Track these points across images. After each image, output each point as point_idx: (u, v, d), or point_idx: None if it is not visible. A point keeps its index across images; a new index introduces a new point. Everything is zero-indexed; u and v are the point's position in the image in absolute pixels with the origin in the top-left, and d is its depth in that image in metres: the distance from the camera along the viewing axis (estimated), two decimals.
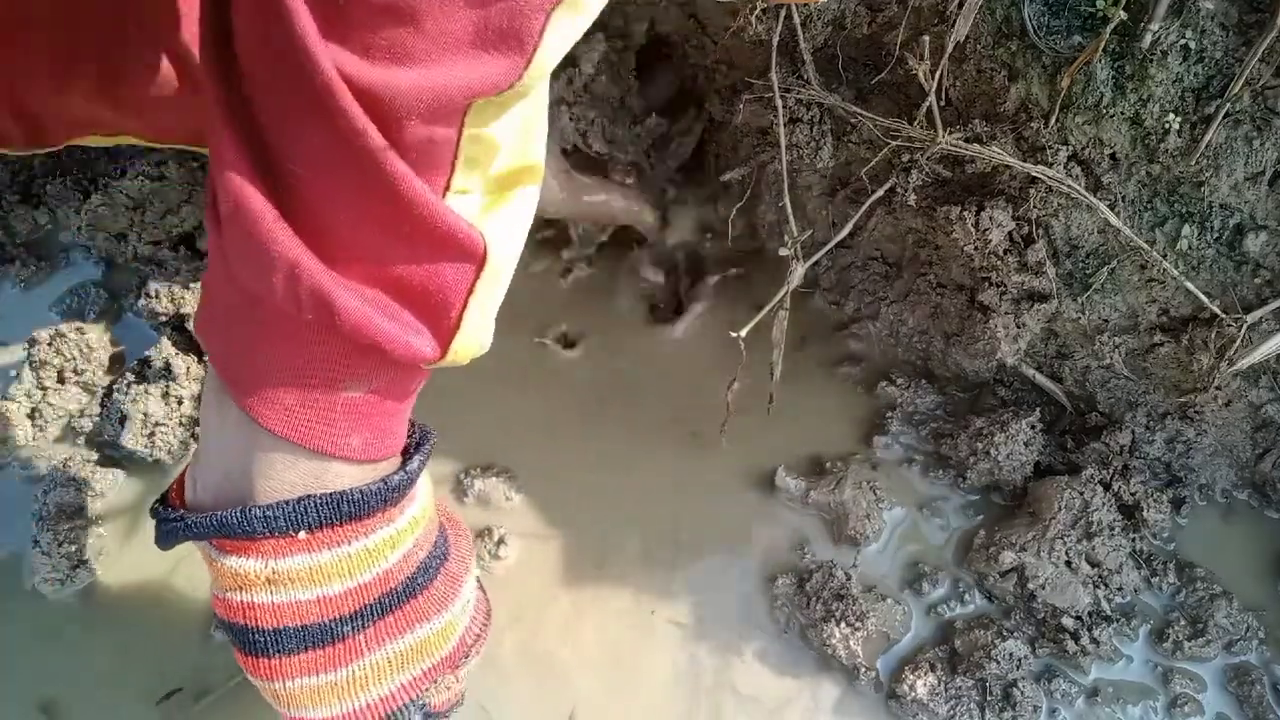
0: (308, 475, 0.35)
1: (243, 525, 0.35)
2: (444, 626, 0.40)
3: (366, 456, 0.36)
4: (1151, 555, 0.66)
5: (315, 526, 0.35)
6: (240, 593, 0.36)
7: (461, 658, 0.42)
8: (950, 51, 0.59)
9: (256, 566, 0.35)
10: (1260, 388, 0.64)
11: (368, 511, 0.36)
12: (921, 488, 0.70)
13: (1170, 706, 0.61)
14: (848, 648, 0.59)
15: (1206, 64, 0.55)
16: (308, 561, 0.35)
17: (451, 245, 0.33)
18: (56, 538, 0.64)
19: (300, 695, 0.37)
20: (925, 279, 0.73)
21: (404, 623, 0.38)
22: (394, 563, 0.38)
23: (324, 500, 0.35)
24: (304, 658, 0.36)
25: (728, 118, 0.78)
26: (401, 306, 0.33)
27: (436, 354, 0.35)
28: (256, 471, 0.35)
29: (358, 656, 0.37)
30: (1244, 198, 0.58)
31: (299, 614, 0.36)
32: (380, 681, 0.38)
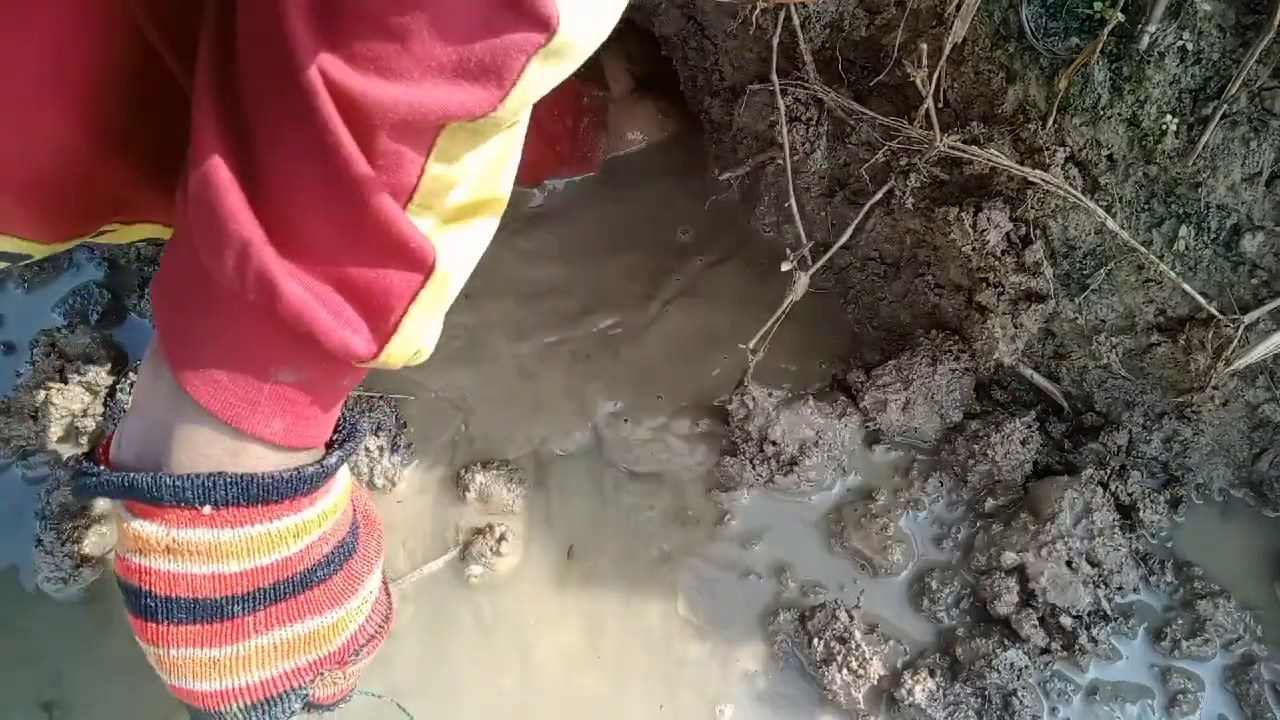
0: (225, 452, 0.36)
1: (151, 491, 0.35)
2: (336, 622, 0.41)
3: (287, 442, 0.37)
4: (1149, 555, 0.67)
5: (221, 504, 0.36)
6: (140, 556, 0.37)
7: (350, 654, 0.42)
8: (948, 53, 0.59)
9: (158, 533, 0.36)
10: (1257, 387, 0.64)
11: (276, 497, 0.37)
12: (921, 489, 0.70)
13: (1168, 705, 0.61)
14: (848, 695, 0.60)
15: (1204, 65, 0.55)
16: (208, 537, 0.36)
17: (403, 252, 0.34)
18: (60, 537, 0.65)
19: (182, 665, 0.38)
20: (923, 279, 0.73)
21: (296, 612, 0.39)
22: (295, 551, 0.38)
23: (234, 480, 0.36)
24: (191, 629, 0.37)
25: (727, 120, 0.78)
26: (345, 302, 0.35)
27: (370, 353, 0.36)
28: (177, 440, 0.36)
29: (244, 637, 0.38)
30: (1241, 198, 0.58)
31: (192, 586, 0.37)
32: (263, 665, 0.39)
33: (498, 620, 0.64)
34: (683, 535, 0.68)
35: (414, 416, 0.73)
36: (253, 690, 0.39)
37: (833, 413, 0.70)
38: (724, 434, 0.72)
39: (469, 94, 0.31)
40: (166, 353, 0.36)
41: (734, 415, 0.70)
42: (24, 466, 0.70)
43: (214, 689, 0.39)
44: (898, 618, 0.65)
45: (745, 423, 0.69)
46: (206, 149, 0.32)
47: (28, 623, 0.64)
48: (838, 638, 0.61)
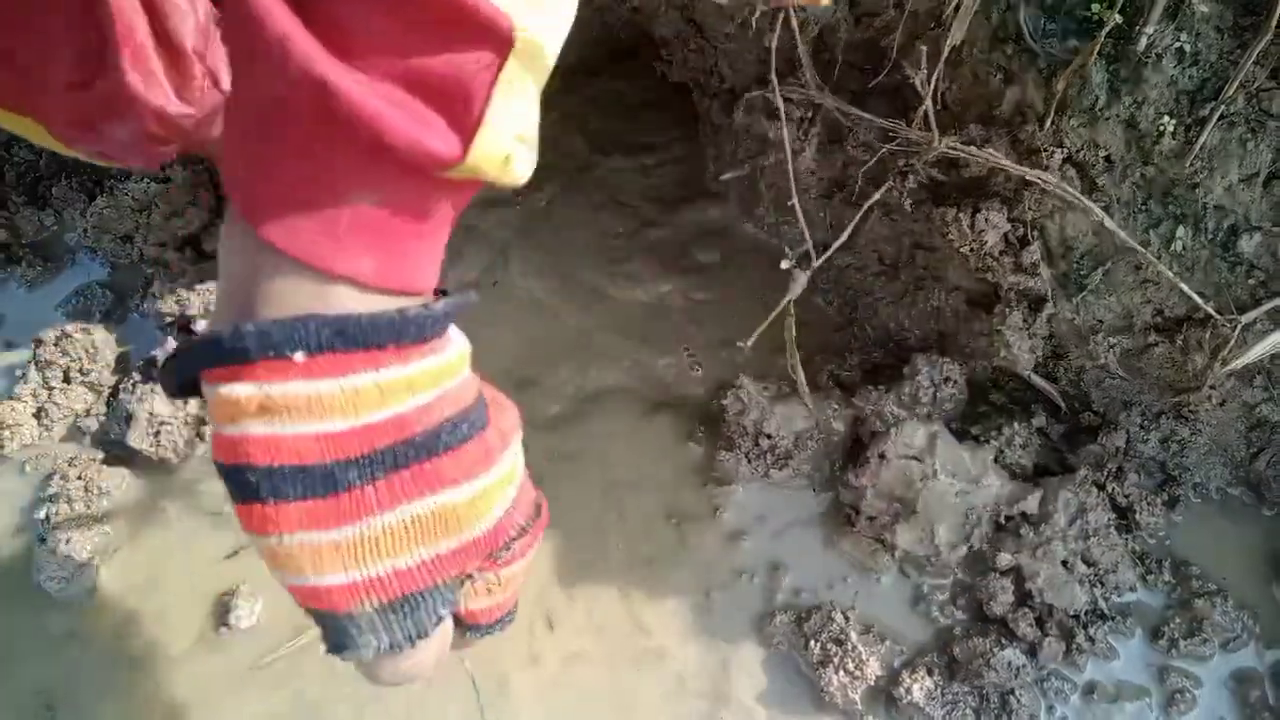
0: (314, 298, 0.31)
1: (234, 342, 0.31)
2: (473, 497, 0.34)
3: (381, 283, 0.32)
4: (1147, 554, 0.67)
5: (315, 349, 0.31)
6: (233, 425, 0.31)
7: (499, 548, 0.36)
8: (946, 55, 0.60)
9: (249, 391, 0.31)
10: (1255, 387, 0.65)
11: (379, 341, 0.31)
12: None
13: (1166, 704, 0.61)
14: (845, 695, 0.60)
15: (1201, 67, 0.55)
16: (306, 389, 0.31)
17: (472, 24, 0.29)
18: (62, 536, 0.65)
19: (299, 554, 0.32)
20: (922, 280, 0.74)
21: (423, 482, 0.33)
22: (411, 409, 0.32)
23: (326, 321, 0.31)
24: (302, 506, 0.32)
25: (726, 121, 0.78)
26: (414, 98, 0.30)
27: (454, 153, 0.31)
28: (260, 296, 0.31)
29: (366, 513, 0.32)
30: (1238, 199, 0.58)
31: (297, 450, 0.31)
32: (395, 551, 0.33)
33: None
34: (679, 533, 0.69)
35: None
36: (387, 584, 0.33)
37: (827, 408, 0.70)
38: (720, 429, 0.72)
39: None
40: (236, 201, 0.32)
41: (729, 410, 0.70)
42: (28, 466, 0.70)
43: (341, 582, 0.32)
44: (894, 618, 0.65)
45: (740, 417, 0.70)
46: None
47: (30, 622, 0.64)
48: (834, 639, 0.61)
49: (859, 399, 0.70)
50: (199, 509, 0.69)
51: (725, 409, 0.71)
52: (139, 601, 0.65)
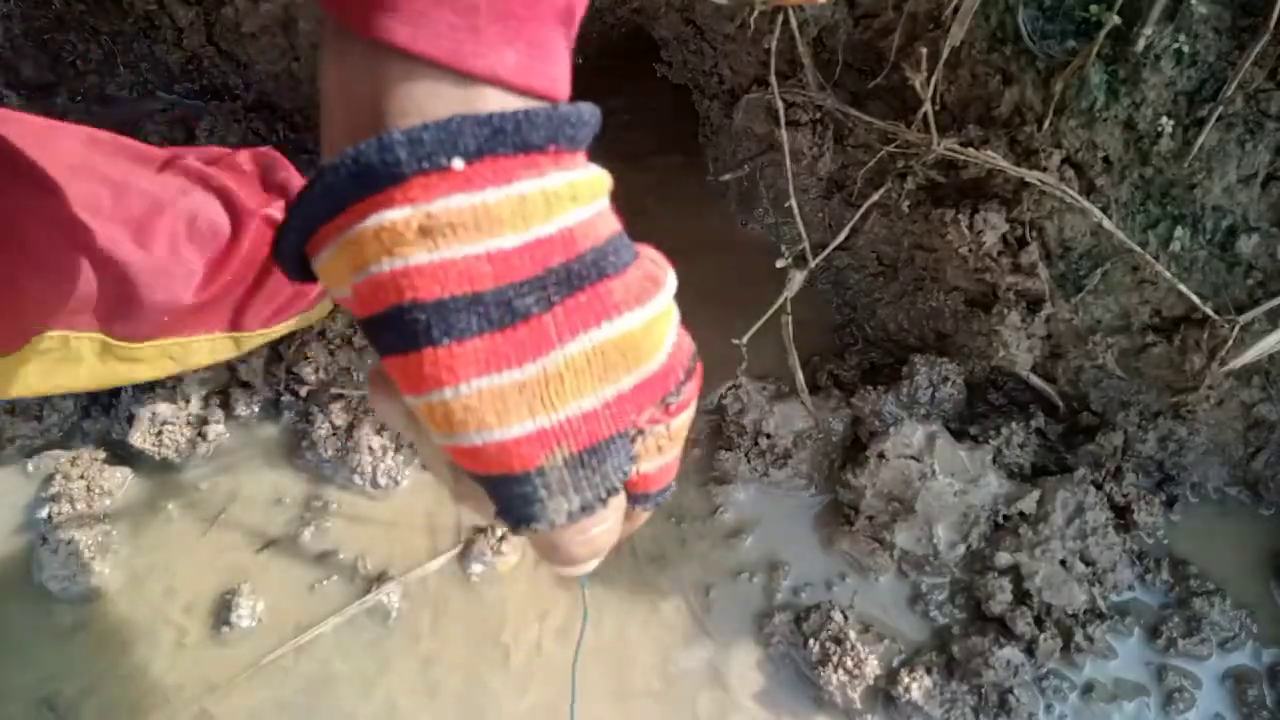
0: (455, 103, 0.27)
1: (381, 156, 0.26)
2: (648, 323, 0.30)
3: (525, 80, 0.28)
4: (1145, 553, 0.67)
5: (473, 154, 0.26)
6: (390, 259, 0.26)
7: (670, 391, 0.32)
8: (945, 57, 0.60)
9: (405, 214, 0.26)
10: (1252, 387, 0.65)
11: (538, 143, 0.27)
12: None
13: (1164, 703, 0.61)
14: (844, 694, 0.60)
15: (1199, 68, 0.55)
16: (469, 201, 0.26)
17: None
18: (64, 535, 0.65)
19: (481, 403, 0.27)
20: (921, 281, 0.74)
21: (598, 306, 0.28)
22: (576, 221, 0.28)
23: (480, 119, 0.26)
24: (481, 343, 0.27)
25: (726, 122, 0.79)
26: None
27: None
28: (391, 111, 0.27)
29: (548, 345, 0.28)
30: (1236, 200, 0.58)
31: (469, 276, 0.26)
32: (580, 389, 0.28)
33: (498, 618, 0.65)
34: (678, 532, 0.69)
35: None
36: (576, 429, 0.28)
37: (826, 407, 0.70)
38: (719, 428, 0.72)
39: None
40: (346, 17, 0.27)
41: (728, 409, 0.70)
42: (29, 465, 0.71)
43: (528, 431, 0.28)
44: (892, 617, 0.65)
45: (739, 416, 0.70)
46: None
47: (32, 621, 0.64)
48: (833, 638, 0.62)
49: (858, 399, 0.70)
50: (201, 508, 0.69)
51: (724, 408, 0.71)
52: (140, 601, 0.65)
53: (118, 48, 0.88)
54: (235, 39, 0.84)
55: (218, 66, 0.87)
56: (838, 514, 0.69)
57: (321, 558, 0.67)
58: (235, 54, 0.86)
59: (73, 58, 0.88)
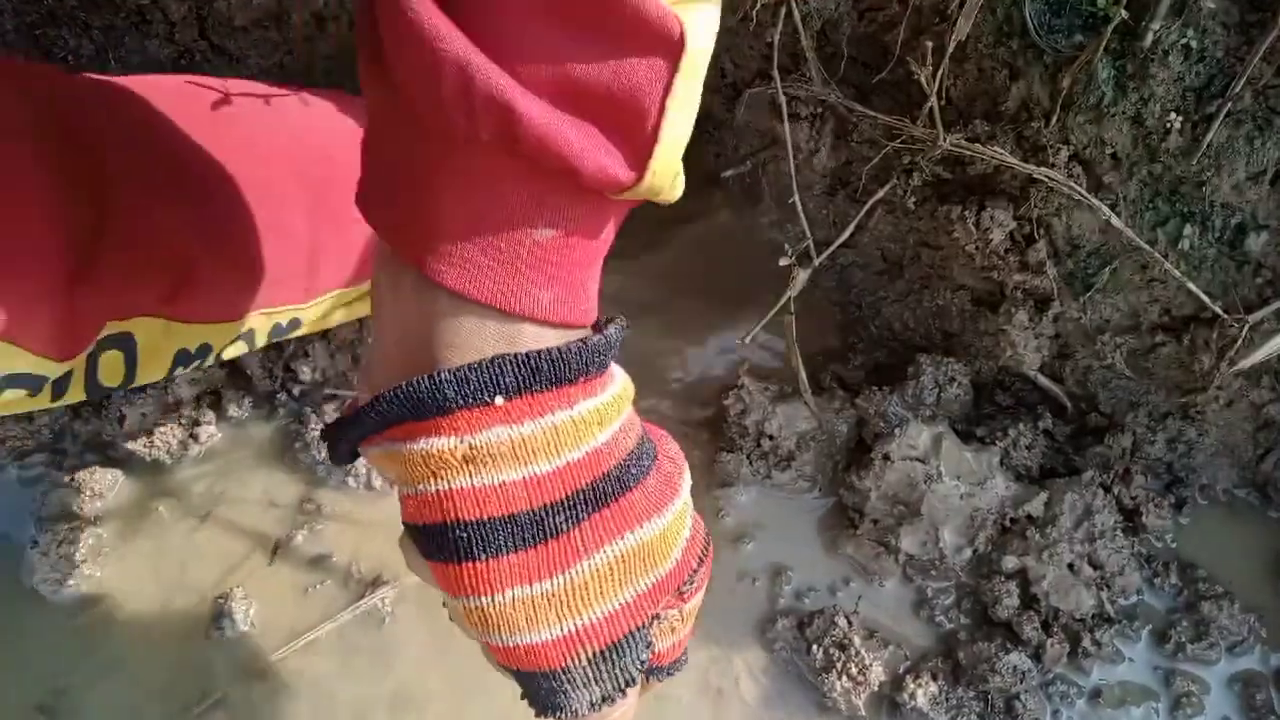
0: (497, 339, 0.30)
1: (432, 393, 0.29)
2: (665, 530, 0.34)
3: (560, 318, 0.31)
4: (1153, 556, 0.66)
5: (513, 392, 0.30)
6: (436, 480, 0.30)
7: (684, 581, 0.35)
8: (951, 51, 0.59)
9: (451, 444, 0.29)
10: (1262, 388, 0.64)
11: (570, 376, 0.31)
12: None
13: (1173, 708, 0.61)
14: (849, 701, 0.59)
15: (1208, 63, 0.55)
16: (509, 434, 0.30)
17: (642, 32, 0.27)
18: (55, 538, 0.64)
19: (514, 612, 0.31)
20: (927, 279, 0.73)
21: (622, 519, 0.32)
22: (603, 442, 0.32)
23: (521, 360, 0.30)
24: (516, 559, 0.30)
25: (728, 117, 0.78)
26: (586, 120, 0.28)
27: (631, 177, 0.29)
28: (439, 343, 0.30)
29: (575, 558, 0.31)
30: (1245, 197, 0.57)
31: (506, 500, 0.30)
32: (603, 596, 0.32)
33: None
34: None
35: None
36: (599, 631, 0.32)
37: (830, 408, 0.69)
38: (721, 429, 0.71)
39: None
40: (399, 248, 0.30)
41: (730, 410, 0.69)
42: (20, 468, 0.70)
43: (556, 636, 0.31)
44: (897, 622, 0.64)
45: (742, 417, 0.69)
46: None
47: (23, 625, 0.63)
48: (837, 644, 0.61)
49: (862, 400, 0.69)
50: (192, 510, 0.68)
51: (726, 409, 0.70)
52: (133, 604, 0.64)
53: (109, 42, 0.87)
54: (228, 33, 0.83)
55: (210, 61, 0.86)
56: (842, 517, 0.68)
57: (315, 561, 0.66)
58: (227, 48, 0.85)
59: (64, 53, 0.87)
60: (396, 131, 0.30)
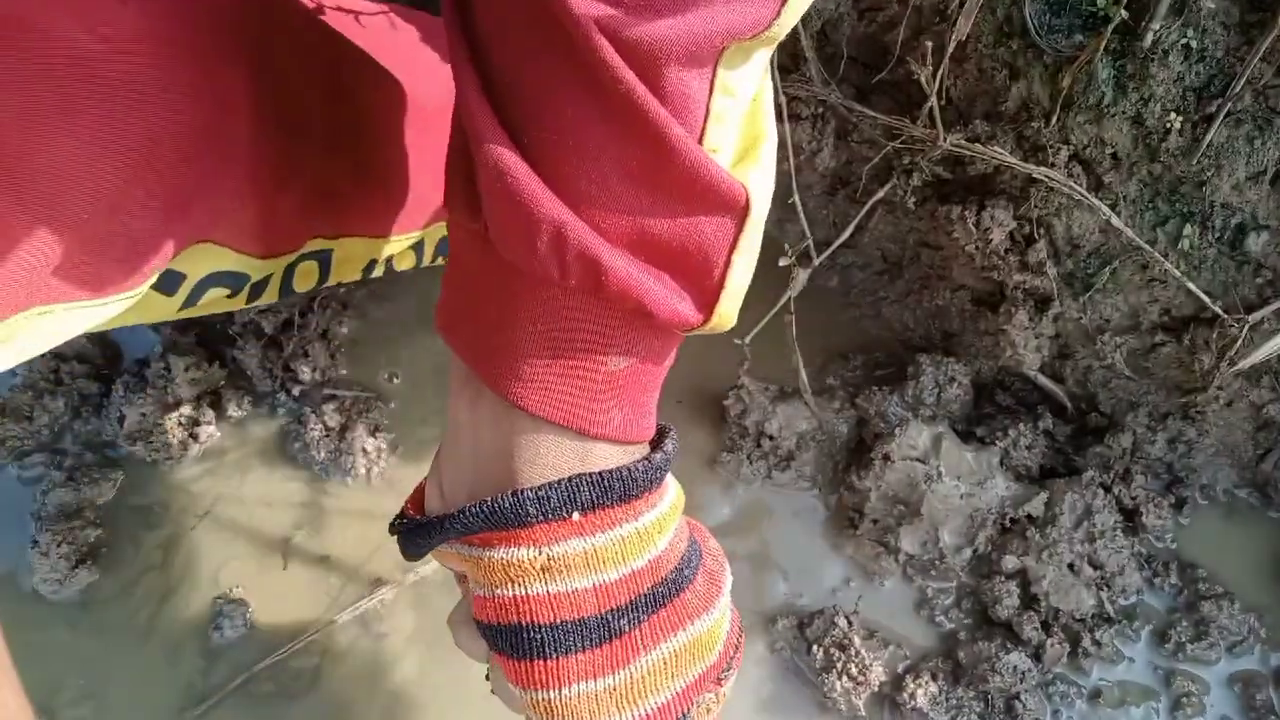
0: (573, 457, 0.33)
1: (514, 509, 0.32)
2: (712, 626, 0.37)
3: (626, 437, 0.34)
4: (1153, 556, 0.66)
5: (588, 508, 0.33)
6: (513, 586, 0.33)
7: (724, 670, 0.38)
8: (951, 51, 0.59)
9: (530, 554, 0.32)
10: (1262, 388, 0.64)
11: (636, 492, 0.34)
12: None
13: (1173, 708, 0.61)
14: (849, 701, 0.59)
15: (1208, 63, 0.55)
16: (583, 546, 0.33)
17: (713, 197, 0.31)
18: (55, 538, 0.64)
19: (579, 705, 0.34)
20: (927, 279, 0.73)
21: (677, 618, 0.35)
22: (661, 550, 0.35)
23: (595, 480, 0.33)
24: (583, 658, 0.33)
25: None
26: (660, 269, 0.31)
27: (699, 318, 0.33)
28: (518, 459, 0.33)
29: (635, 656, 0.34)
30: (1245, 197, 0.57)
31: (576, 606, 0.33)
32: (657, 689, 0.35)
33: None
34: None
35: (413, 418, 0.72)
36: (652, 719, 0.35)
37: (830, 408, 0.69)
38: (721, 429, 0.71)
39: (748, 6, 0.28)
40: (481, 373, 0.33)
41: (730, 410, 0.69)
42: (19, 467, 0.70)
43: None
44: (897, 622, 0.64)
45: (742, 418, 0.69)
46: (489, 141, 0.29)
47: (23, 625, 0.63)
48: (837, 644, 0.61)
49: (862, 400, 0.69)
50: (192, 511, 0.68)
51: (727, 409, 0.70)
52: (132, 604, 0.64)
53: None
54: None
55: None
56: (842, 517, 0.68)
57: (315, 561, 0.66)
58: None
59: None
60: (484, 265, 0.33)
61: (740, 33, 0.29)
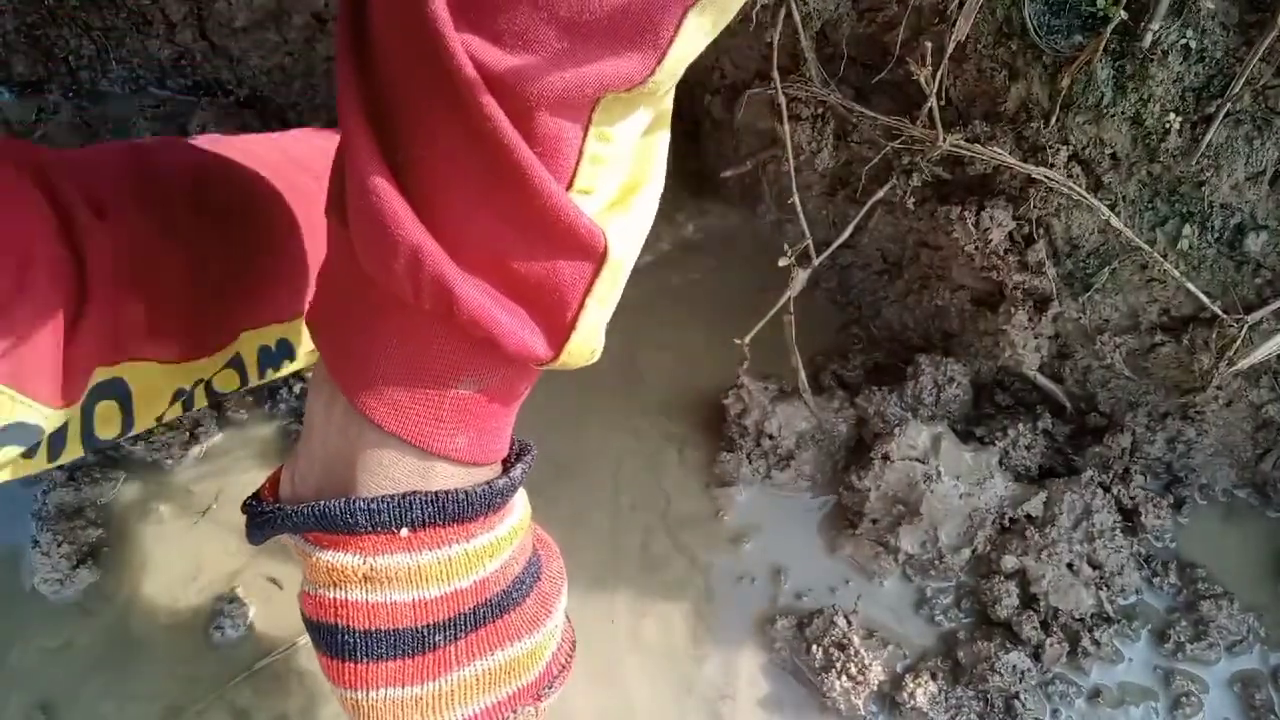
0: (413, 474, 0.35)
1: (345, 517, 0.34)
2: (534, 648, 0.38)
3: (471, 459, 0.35)
4: (1152, 556, 0.66)
5: (419, 525, 0.34)
6: (335, 589, 0.34)
7: (545, 687, 0.39)
8: (951, 51, 0.59)
9: (355, 562, 0.34)
10: (1261, 388, 0.64)
11: (471, 515, 0.35)
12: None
13: (1172, 708, 0.61)
14: (848, 701, 0.59)
15: (1207, 63, 0.55)
16: (408, 561, 0.34)
17: (571, 241, 0.31)
18: (56, 538, 0.64)
19: (383, 708, 0.35)
20: (926, 279, 0.73)
21: (496, 638, 0.37)
22: (491, 572, 0.36)
23: (429, 499, 0.34)
24: (393, 665, 0.35)
25: (728, 117, 0.78)
26: (516, 303, 0.32)
27: (550, 354, 0.34)
28: (360, 466, 0.34)
29: (447, 670, 0.36)
30: (1244, 197, 0.58)
31: (393, 617, 0.34)
32: (466, 701, 0.36)
33: None
34: (679, 537, 0.68)
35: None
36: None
37: (830, 408, 0.69)
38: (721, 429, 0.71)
39: (625, 59, 0.29)
40: (337, 378, 0.34)
41: (730, 410, 0.69)
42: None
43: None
44: (897, 621, 0.64)
45: (742, 417, 0.69)
46: (361, 157, 0.30)
47: (23, 625, 0.63)
48: (836, 644, 0.61)
49: (862, 399, 0.69)
50: (192, 511, 0.68)
51: (726, 409, 0.70)
52: (133, 604, 0.64)
53: (110, 43, 0.87)
54: (228, 34, 0.83)
55: (210, 61, 0.86)
56: (841, 517, 0.68)
57: None
58: (228, 49, 0.85)
59: (65, 54, 0.87)
60: (351, 273, 0.33)
61: (613, 85, 0.30)
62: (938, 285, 0.72)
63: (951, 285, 0.71)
